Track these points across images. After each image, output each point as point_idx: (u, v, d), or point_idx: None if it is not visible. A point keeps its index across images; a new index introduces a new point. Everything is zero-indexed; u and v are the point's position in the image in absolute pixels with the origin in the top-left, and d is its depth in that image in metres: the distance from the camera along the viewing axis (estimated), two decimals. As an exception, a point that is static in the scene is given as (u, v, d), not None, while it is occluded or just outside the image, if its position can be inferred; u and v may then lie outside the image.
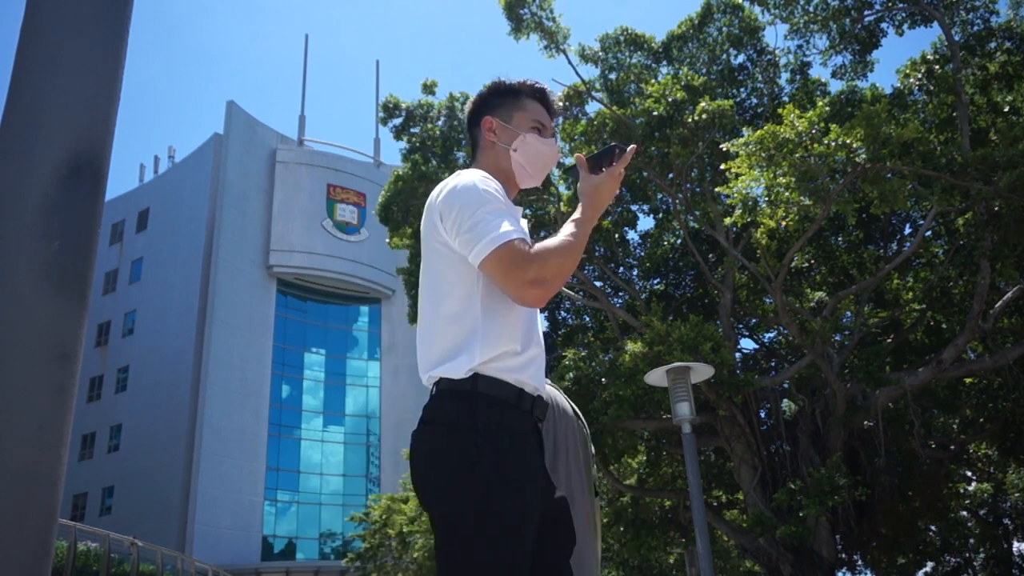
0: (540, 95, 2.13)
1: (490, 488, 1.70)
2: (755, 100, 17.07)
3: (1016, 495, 22.33)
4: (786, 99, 16.45)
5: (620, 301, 18.10)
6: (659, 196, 17.22)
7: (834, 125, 11.44)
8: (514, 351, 1.85)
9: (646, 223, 55.48)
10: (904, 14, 15.27)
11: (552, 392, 3.19)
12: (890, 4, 15.28)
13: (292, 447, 41.69)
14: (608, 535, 19.60)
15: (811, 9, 15.41)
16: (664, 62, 16.77)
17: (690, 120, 13.44)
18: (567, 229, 1.88)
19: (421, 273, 1.98)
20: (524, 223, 2.06)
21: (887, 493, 14.94)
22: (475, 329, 1.84)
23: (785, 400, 17.09)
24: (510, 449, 1.77)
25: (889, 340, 16.31)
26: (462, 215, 1.83)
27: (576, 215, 1.92)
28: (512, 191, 2.08)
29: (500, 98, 2.11)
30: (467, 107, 2.19)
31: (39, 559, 1.22)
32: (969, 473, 20.51)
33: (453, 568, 1.69)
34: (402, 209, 16.23)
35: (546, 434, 2.27)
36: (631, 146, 2.00)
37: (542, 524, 1.82)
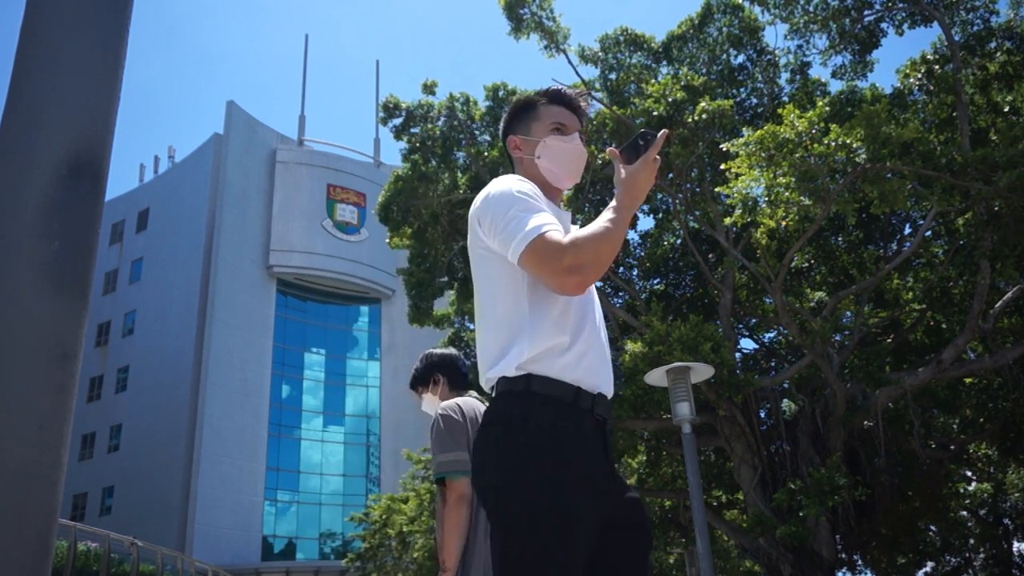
0: (556, 98, 2.16)
1: (540, 489, 1.71)
2: (755, 100, 17.07)
3: (1016, 495, 22.33)
4: (786, 99, 16.45)
5: (620, 301, 18.10)
6: (659, 196, 17.22)
7: (834, 125, 11.44)
8: (561, 346, 1.85)
9: (646, 223, 55.36)
10: (904, 14, 15.27)
11: (473, 405, 3.17)
12: (890, 4, 15.28)
13: (292, 447, 41.68)
14: (608, 535, 19.57)
15: (811, 9, 15.41)
16: (664, 62, 16.77)
17: (690, 120, 13.44)
18: (605, 216, 1.89)
19: (474, 285, 2.03)
20: (570, 225, 2.08)
21: (887, 493, 14.94)
22: (523, 326, 1.87)
23: (785, 400, 17.09)
24: (564, 450, 1.77)
25: (889, 340, 16.32)
26: (496, 217, 1.88)
27: (613, 202, 1.93)
28: (555, 196, 2.11)
29: (518, 115, 2.17)
30: (500, 132, 2.25)
31: (39, 559, 1.22)
32: (969, 473, 20.51)
33: (504, 570, 1.70)
34: (402, 209, 16.23)
35: None
36: (662, 131, 2.00)
37: (609, 528, 1.82)
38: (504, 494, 1.74)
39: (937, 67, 14.78)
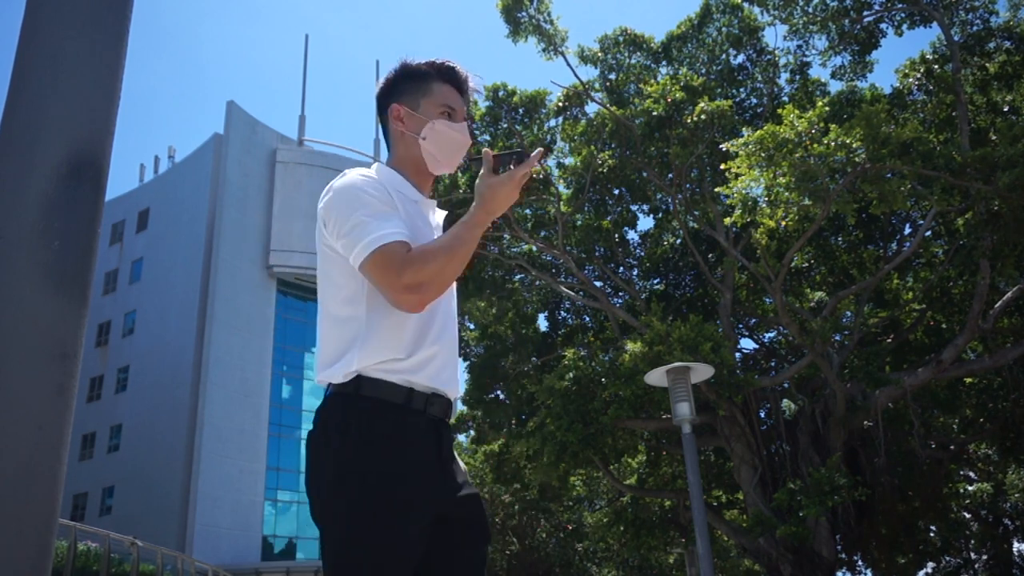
0: (450, 75, 2.02)
1: (359, 490, 1.68)
2: (755, 100, 17.07)
3: (1016, 495, 22.32)
4: (786, 99, 16.46)
5: (620, 301, 18.09)
6: (659, 196, 17.21)
7: (834, 125, 11.44)
8: (397, 356, 1.79)
9: (646, 223, 55.42)
10: (903, 14, 15.27)
11: None
12: (889, 4, 15.28)
13: (292, 447, 41.66)
14: (608, 535, 19.61)
15: (810, 10, 15.41)
16: (663, 62, 16.77)
17: (689, 120, 13.44)
18: (455, 230, 1.79)
19: (317, 284, 1.97)
20: (435, 216, 2.02)
21: (887, 493, 14.94)
22: (358, 332, 1.81)
23: (785, 400, 17.09)
24: (385, 450, 1.72)
25: (889, 340, 16.32)
26: (341, 218, 1.82)
27: (466, 216, 1.82)
28: (425, 181, 2.02)
29: (407, 83, 2.01)
30: (375, 91, 2.07)
31: (39, 559, 1.22)
32: (969, 473, 20.51)
33: (335, 570, 1.68)
34: (402, 209, 16.21)
35: None
36: (537, 150, 1.90)
37: (442, 523, 1.78)
38: (330, 495, 1.70)
39: (936, 67, 14.79)
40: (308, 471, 1.81)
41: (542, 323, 18.97)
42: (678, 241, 17.92)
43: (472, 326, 18.81)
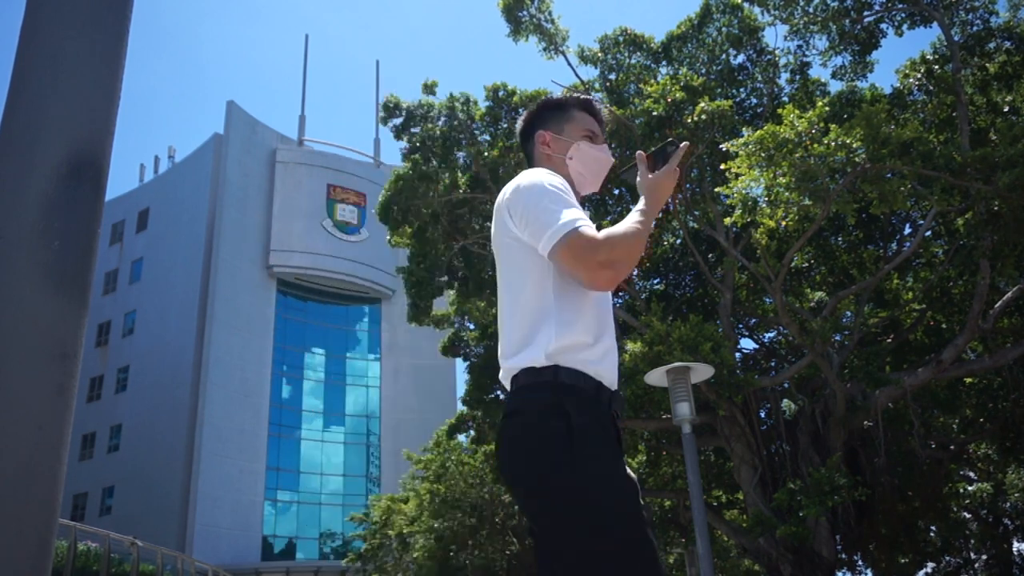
0: (587, 106, 2.21)
1: (595, 473, 1.69)
2: (755, 100, 17.06)
3: (1016, 495, 22.31)
4: (786, 99, 16.45)
5: (620, 301, 18.09)
6: (659, 196, 17.18)
7: (834, 125, 11.43)
8: (586, 342, 1.86)
9: (646, 223, 55.35)
10: (903, 14, 15.26)
11: None
12: (889, 4, 15.28)
13: (292, 447, 41.69)
14: (608, 535, 19.55)
15: (811, 10, 15.40)
16: (663, 62, 16.76)
17: (689, 120, 13.43)
18: (632, 217, 1.94)
19: (498, 275, 2.03)
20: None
21: (887, 493, 14.93)
22: (549, 316, 1.87)
23: (785, 400, 17.08)
24: (601, 434, 1.76)
25: (889, 340, 16.31)
26: (528, 208, 1.90)
27: (640, 205, 2.00)
28: (577, 201, 2.12)
29: (550, 112, 2.20)
30: (518, 126, 2.28)
31: (39, 559, 1.22)
32: (969, 473, 20.50)
33: (578, 564, 1.62)
34: (402, 209, 16.22)
35: None
36: (684, 143, 2.09)
37: None
38: (554, 483, 1.68)
39: (937, 67, 14.77)
40: (517, 460, 1.78)
41: (542, 323, 18.94)
42: (678, 241, 17.92)
43: (472, 326, 18.80)
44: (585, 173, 2.14)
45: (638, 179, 2.08)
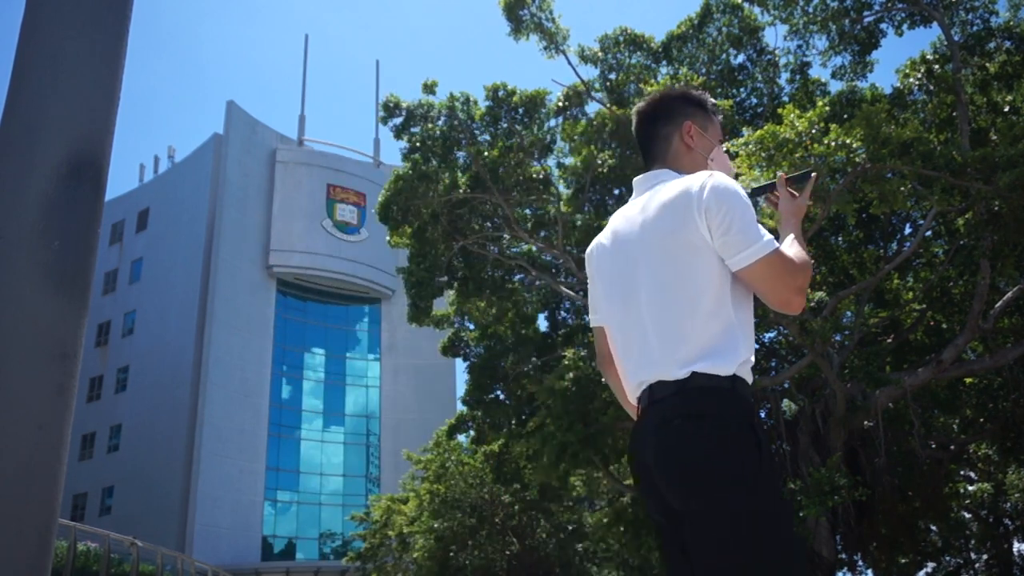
0: (719, 114, 2.21)
1: (774, 485, 1.75)
2: (755, 100, 17.07)
3: (1017, 495, 22.31)
4: (786, 99, 16.45)
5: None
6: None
7: (834, 125, 11.43)
8: (750, 358, 1.89)
9: (646, 223, 55.32)
10: (904, 14, 15.27)
11: None
12: (889, 4, 15.28)
13: (292, 447, 41.69)
14: (608, 535, 19.59)
15: (810, 10, 15.40)
16: (664, 62, 16.76)
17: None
18: (796, 244, 1.96)
19: (641, 267, 1.93)
20: None
21: (887, 493, 14.93)
22: (733, 328, 1.86)
23: (785, 400, 17.08)
24: (765, 450, 1.78)
25: (889, 340, 16.31)
26: (732, 216, 1.82)
27: (791, 233, 2.02)
28: None
29: (695, 108, 2.13)
30: (650, 103, 2.16)
31: (39, 559, 1.22)
32: (969, 473, 20.50)
33: (750, 565, 1.65)
34: (402, 208, 16.22)
35: None
36: (815, 175, 2.18)
37: None
38: (739, 490, 1.69)
39: (937, 67, 14.77)
40: (701, 463, 1.75)
41: (542, 323, 18.96)
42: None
43: (472, 326, 18.80)
44: None
45: (781, 204, 2.11)
